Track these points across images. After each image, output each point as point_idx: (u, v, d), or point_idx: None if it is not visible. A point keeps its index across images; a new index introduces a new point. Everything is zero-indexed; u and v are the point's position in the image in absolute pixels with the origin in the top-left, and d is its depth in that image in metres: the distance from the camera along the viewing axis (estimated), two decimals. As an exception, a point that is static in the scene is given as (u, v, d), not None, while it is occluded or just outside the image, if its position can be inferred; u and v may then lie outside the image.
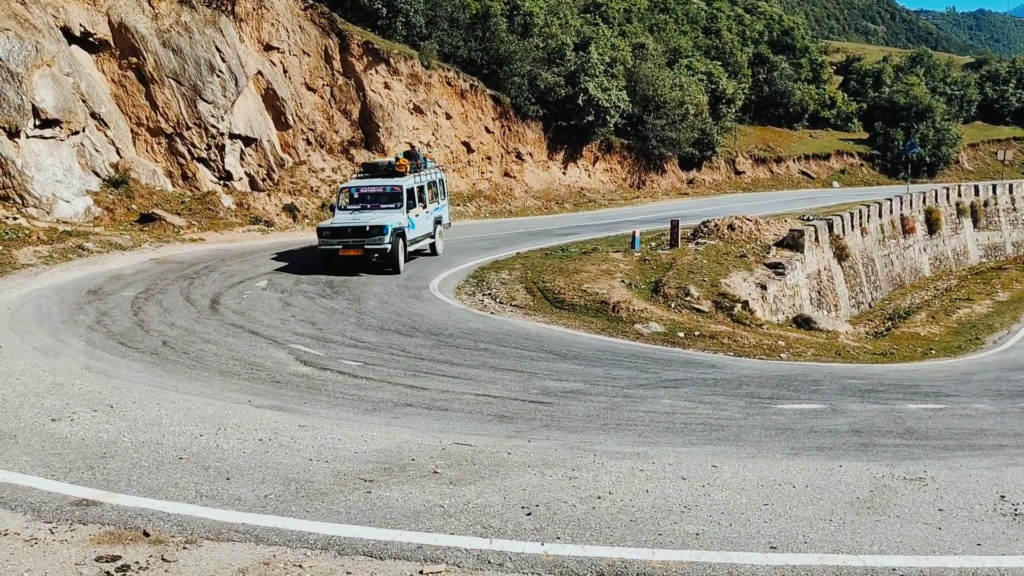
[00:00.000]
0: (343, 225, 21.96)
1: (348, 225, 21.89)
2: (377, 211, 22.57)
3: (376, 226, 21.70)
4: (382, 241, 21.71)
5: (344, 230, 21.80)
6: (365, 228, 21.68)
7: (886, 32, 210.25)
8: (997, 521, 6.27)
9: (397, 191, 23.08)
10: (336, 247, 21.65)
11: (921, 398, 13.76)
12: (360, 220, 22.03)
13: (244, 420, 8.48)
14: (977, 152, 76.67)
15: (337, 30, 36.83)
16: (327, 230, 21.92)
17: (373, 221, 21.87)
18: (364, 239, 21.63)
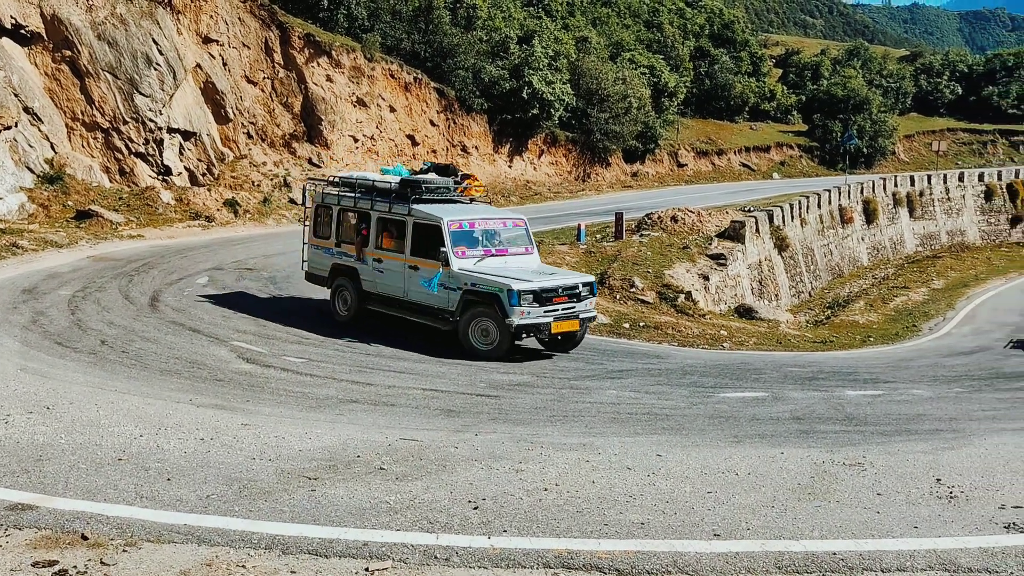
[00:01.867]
0: (552, 285, 14.12)
1: (558, 285, 14.28)
2: (509, 258, 14.83)
3: (588, 283, 14.70)
4: (590, 306, 14.71)
5: (553, 292, 14.02)
6: (577, 288, 14.40)
7: (824, 25, 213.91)
8: (933, 504, 6.42)
9: (521, 226, 15.52)
10: (540, 320, 13.68)
11: (860, 385, 14.07)
12: (558, 276, 15.21)
13: (185, 419, 8.34)
14: (913, 143, 78.46)
15: (277, 22, 36.34)
16: (529, 293, 13.56)
17: (578, 277, 15.23)
18: (575, 304, 14.27)
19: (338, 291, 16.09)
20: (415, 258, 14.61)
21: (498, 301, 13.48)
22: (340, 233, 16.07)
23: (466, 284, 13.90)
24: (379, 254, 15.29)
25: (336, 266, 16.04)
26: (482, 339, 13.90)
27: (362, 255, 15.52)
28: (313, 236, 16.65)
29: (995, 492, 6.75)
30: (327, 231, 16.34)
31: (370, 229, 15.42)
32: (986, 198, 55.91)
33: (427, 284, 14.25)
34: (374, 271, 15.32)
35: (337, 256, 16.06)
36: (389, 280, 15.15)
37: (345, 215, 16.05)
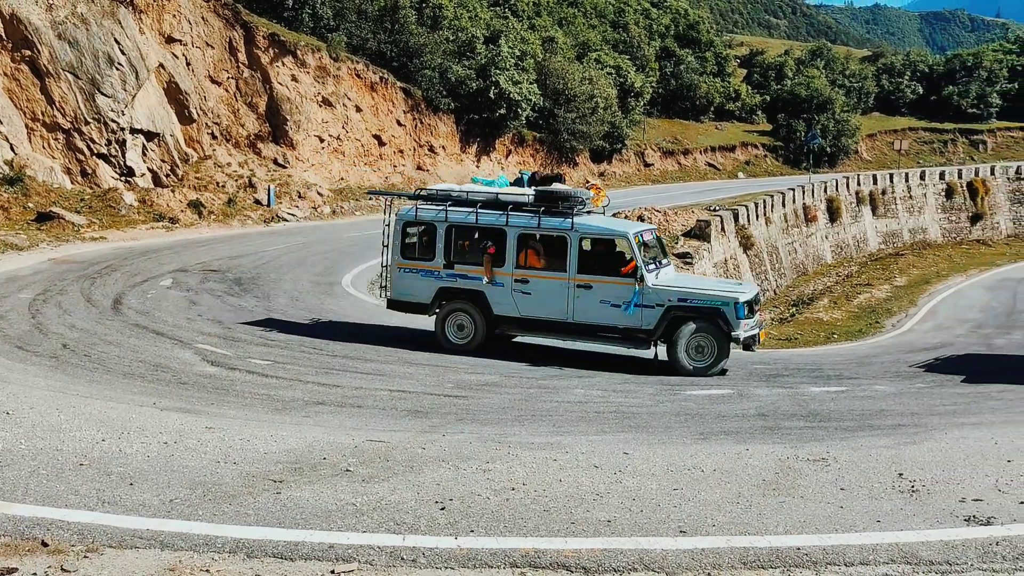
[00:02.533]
0: (755, 293, 14.34)
1: (756, 293, 14.71)
2: (663, 269, 14.22)
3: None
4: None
5: (757, 301, 14.34)
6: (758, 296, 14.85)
7: (788, 26, 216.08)
8: (895, 498, 6.51)
9: (654, 235, 15.27)
10: (753, 332, 13.75)
11: (824, 381, 14.22)
12: (729, 283, 15.79)
13: (148, 423, 8.24)
14: (875, 142, 79.51)
15: (242, 22, 36.04)
16: (748, 304, 13.49)
17: (746, 284, 15.76)
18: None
19: (449, 317, 14.29)
20: (584, 276, 13.52)
21: (721, 315, 12.96)
22: (451, 253, 14.24)
23: (670, 300, 13.19)
24: (523, 274, 13.85)
25: (447, 290, 14.21)
26: (696, 357, 13.17)
27: (493, 276, 13.96)
28: (401, 258, 14.58)
29: (956, 485, 6.86)
30: (428, 252, 14.39)
31: (504, 247, 13.92)
32: (947, 196, 56.79)
33: (615, 304, 13.34)
34: (514, 293, 13.86)
35: (447, 279, 14.19)
36: (542, 302, 13.77)
37: (459, 233, 14.26)
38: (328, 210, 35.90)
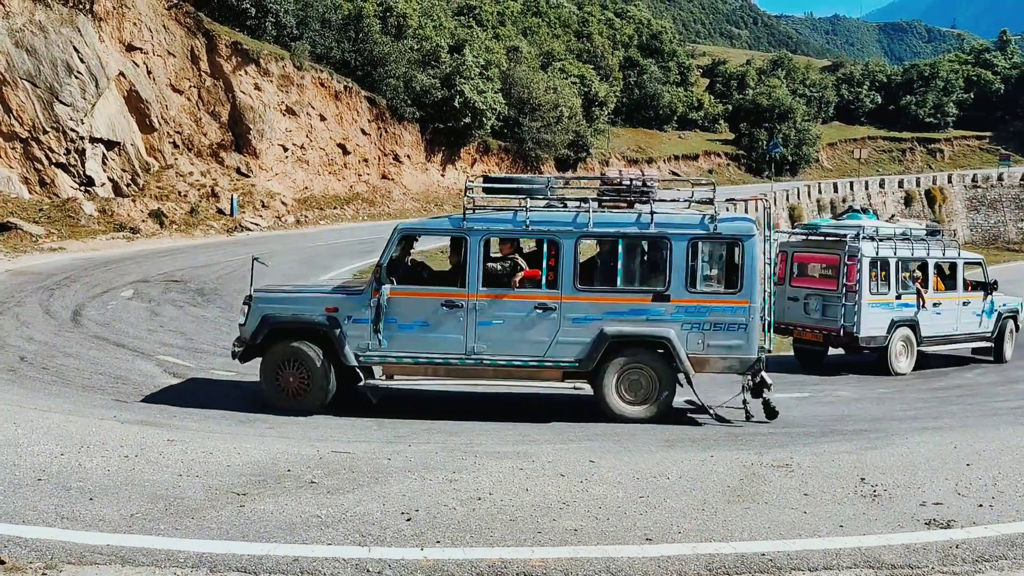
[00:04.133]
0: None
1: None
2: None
3: None
4: None
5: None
6: None
7: (749, 36, 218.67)
8: (858, 503, 6.58)
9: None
10: None
11: (787, 387, 14.33)
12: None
13: (109, 437, 8.11)
14: (835, 151, 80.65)
15: (204, 30, 35.74)
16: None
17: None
18: None
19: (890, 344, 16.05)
20: (965, 294, 17.00)
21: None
22: (899, 285, 16.15)
23: (1002, 305, 17.59)
24: (936, 297, 16.57)
25: (898, 321, 16.07)
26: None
27: (924, 303, 16.34)
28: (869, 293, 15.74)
29: (917, 489, 6.95)
30: (883, 286, 15.92)
31: (926, 277, 16.58)
32: (906, 204, 57.74)
33: (982, 314, 17.11)
34: (932, 315, 16.45)
35: (896, 309, 16.01)
36: (944, 320, 16.68)
37: (897, 266, 16.14)
38: (292, 219, 35.66)
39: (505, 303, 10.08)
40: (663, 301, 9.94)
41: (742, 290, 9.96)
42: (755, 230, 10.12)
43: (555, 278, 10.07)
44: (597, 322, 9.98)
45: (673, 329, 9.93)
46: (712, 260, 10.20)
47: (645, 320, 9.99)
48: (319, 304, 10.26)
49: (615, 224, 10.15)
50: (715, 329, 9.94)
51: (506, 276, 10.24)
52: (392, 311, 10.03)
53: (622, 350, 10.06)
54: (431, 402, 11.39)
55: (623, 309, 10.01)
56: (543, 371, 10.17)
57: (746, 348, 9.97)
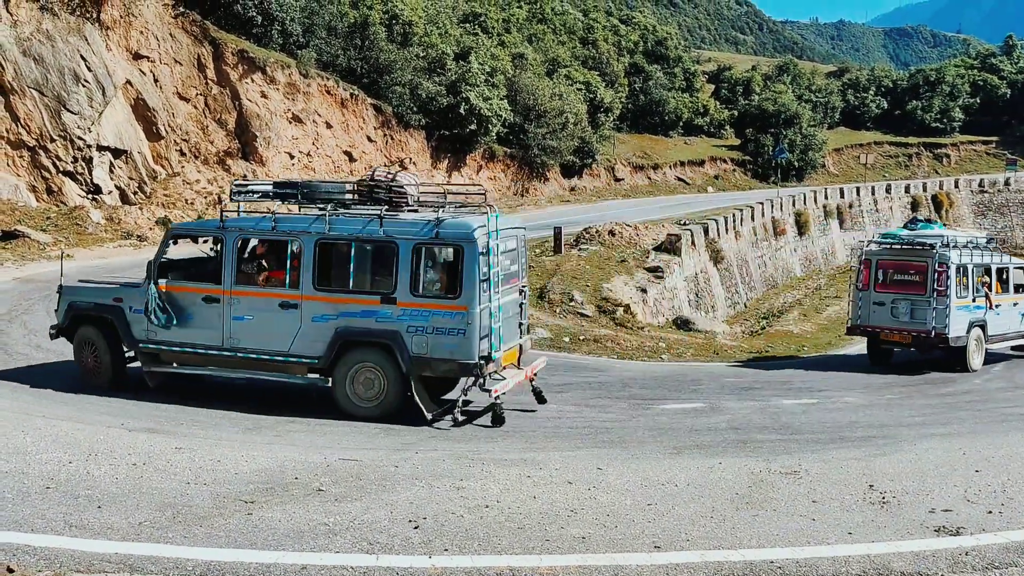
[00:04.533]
0: None
1: None
2: None
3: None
4: None
5: None
6: None
7: (755, 42, 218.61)
8: (866, 509, 6.56)
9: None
10: None
11: (795, 394, 14.33)
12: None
13: (117, 444, 8.13)
14: (841, 156, 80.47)
15: (210, 38, 35.84)
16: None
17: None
18: None
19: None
20: (1015, 295, 18.60)
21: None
22: (974, 290, 17.55)
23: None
24: (997, 300, 18.07)
25: (973, 322, 17.44)
26: None
27: (992, 304, 17.78)
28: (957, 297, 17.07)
29: (925, 496, 6.93)
30: (964, 291, 17.28)
31: (991, 280, 18.04)
32: (912, 209, 57.56)
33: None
34: (994, 316, 17.89)
35: (972, 311, 17.48)
36: (1002, 320, 18.24)
37: (972, 272, 17.53)
38: (298, 227, 35.71)
39: (255, 300, 10.72)
40: (390, 304, 10.15)
41: (460, 296, 10.00)
42: (477, 236, 9.98)
43: (297, 278, 10.51)
44: (333, 321, 10.34)
45: (399, 331, 10.11)
46: (436, 265, 10.41)
47: (374, 321, 10.23)
48: (109, 295, 11.41)
49: (350, 228, 10.45)
50: (437, 333, 10.03)
51: (253, 275, 10.86)
52: (157, 305, 10.87)
53: (354, 349, 10.36)
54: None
55: (356, 310, 10.32)
56: (289, 365, 10.59)
57: (465, 353, 9.95)
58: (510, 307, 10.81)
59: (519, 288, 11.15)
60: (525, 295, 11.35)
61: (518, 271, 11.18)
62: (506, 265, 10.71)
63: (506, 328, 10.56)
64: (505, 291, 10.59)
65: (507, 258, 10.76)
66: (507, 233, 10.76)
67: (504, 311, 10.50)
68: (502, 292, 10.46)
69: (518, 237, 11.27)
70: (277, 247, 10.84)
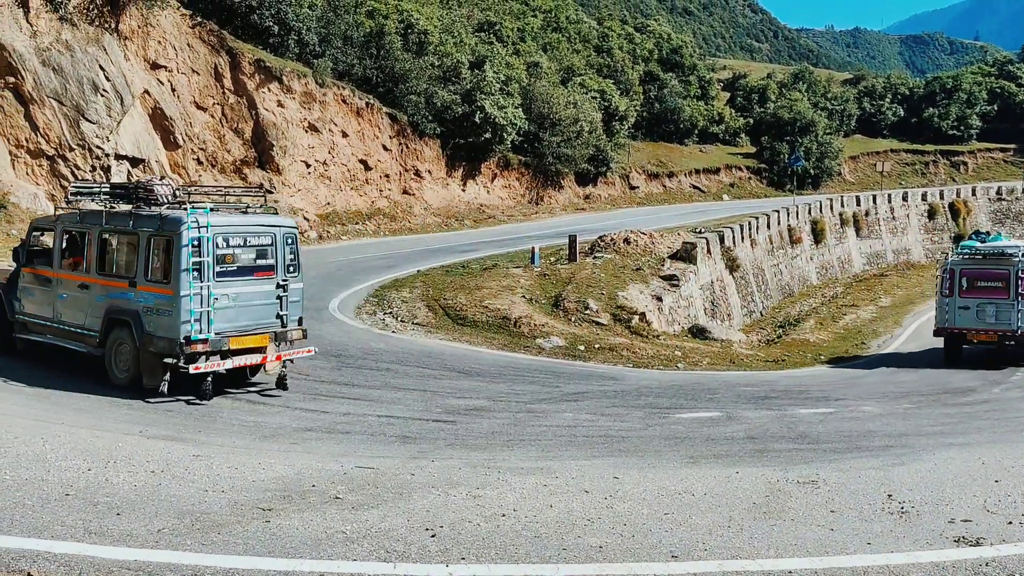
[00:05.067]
0: None
1: None
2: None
3: None
4: None
5: None
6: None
7: (770, 50, 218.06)
8: (885, 519, 6.52)
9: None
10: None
11: (812, 403, 14.26)
12: None
13: (135, 452, 8.17)
14: (858, 164, 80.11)
15: (227, 48, 36.09)
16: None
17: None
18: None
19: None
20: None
21: None
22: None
23: None
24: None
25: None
26: None
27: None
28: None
29: (944, 506, 6.87)
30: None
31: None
32: (929, 217, 57.27)
33: None
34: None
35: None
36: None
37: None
38: (315, 235, 35.88)
39: (68, 282, 12.57)
40: (133, 288, 11.63)
41: (170, 281, 11.26)
42: (183, 229, 11.13)
43: (89, 264, 12.25)
44: (105, 301, 11.94)
45: (139, 311, 11.52)
46: (159, 254, 11.56)
47: (127, 302, 11.70)
48: (6, 278, 13.58)
49: (118, 221, 12.06)
50: (158, 314, 11.37)
51: (69, 261, 12.66)
52: (22, 284, 13.14)
53: (116, 326, 11.84)
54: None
55: (117, 292, 11.86)
56: (86, 337, 12.20)
57: (172, 332, 11.14)
58: (255, 297, 11.95)
59: (277, 282, 12.10)
60: (287, 288, 12.23)
61: (274, 265, 12.10)
62: (248, 258, 11.85)
63: (245, 315, 11.79)
64: (246, 281, 11.78)
65: (252, 252, 11.90)
66: (251, 230, 11.95)
67: (239, 299, 11.68)
68: (237, 282, 11.66)
69: (276, 235, 12.21)
70: (80, 238, 12.54)
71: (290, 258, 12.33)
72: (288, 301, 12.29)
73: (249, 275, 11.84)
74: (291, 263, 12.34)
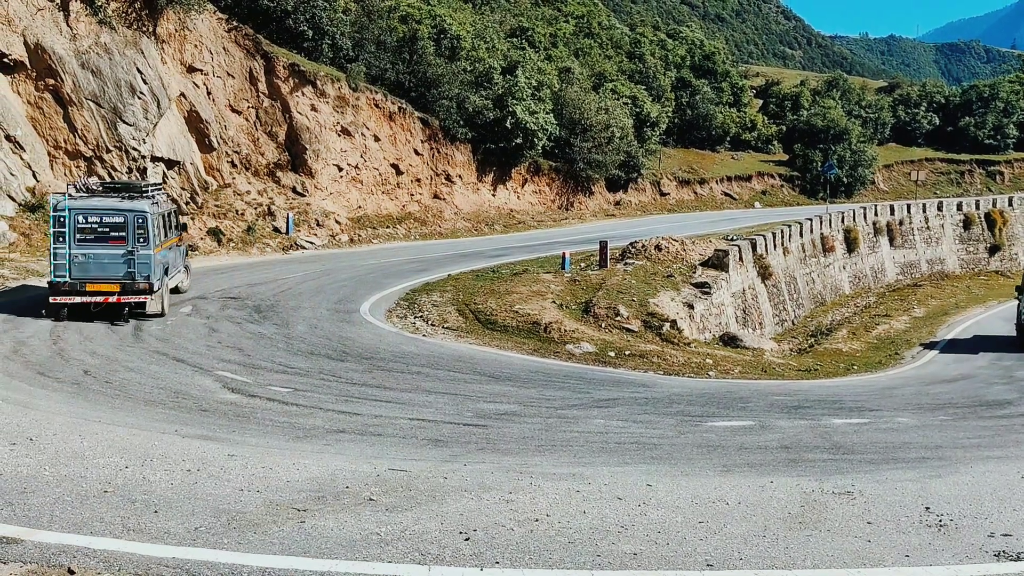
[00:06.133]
0: None
1: None
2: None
3: None
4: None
5: None
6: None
7: (803, 57, 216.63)
8: (923, 532, 6.43)
9: None
10: None
11: (846, 413, 14.11)
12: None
13: (171, 450, 8.26)
14: (892, 173, 79.30)
15: (262, 52, 36.45)
16: None
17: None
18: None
19: None
20: None
21: None
22: None
23: None
24: None
25: None
26: None
27: None
28: None
29: (984, 520, 6.77)
30: None
31: None
32: (964, 227, 56.52)
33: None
34: None
35: None
36: None
37: None
38: (346, 238, 36.09)
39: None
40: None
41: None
42: (53, 208, 16.76)
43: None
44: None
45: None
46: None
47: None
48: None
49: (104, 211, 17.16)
50: (52, 265, 16.74)
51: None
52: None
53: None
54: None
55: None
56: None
57: (49, 276, 17.11)
58: (107, 257, 16.87)
59: (128, 249, 16.90)
60: (134, 253, 16.89)
61: (125, 236, 16.92)
62: (103, 231, 16.87)
63: (99, 269, 16.79)
64: (101, 246, 16.81)
65: (107, 227, 16.86)
66: (105, 212, 16.92)
67: (94, 258, 16.76)
68: (94, 247, 16.77)
69: (128, 216, 16.92)
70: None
71: (139, 232, 16.93)
72: (137, 262, 16.94)
73: (105, 242, 16.81)
74: (140, 236, 16.93)
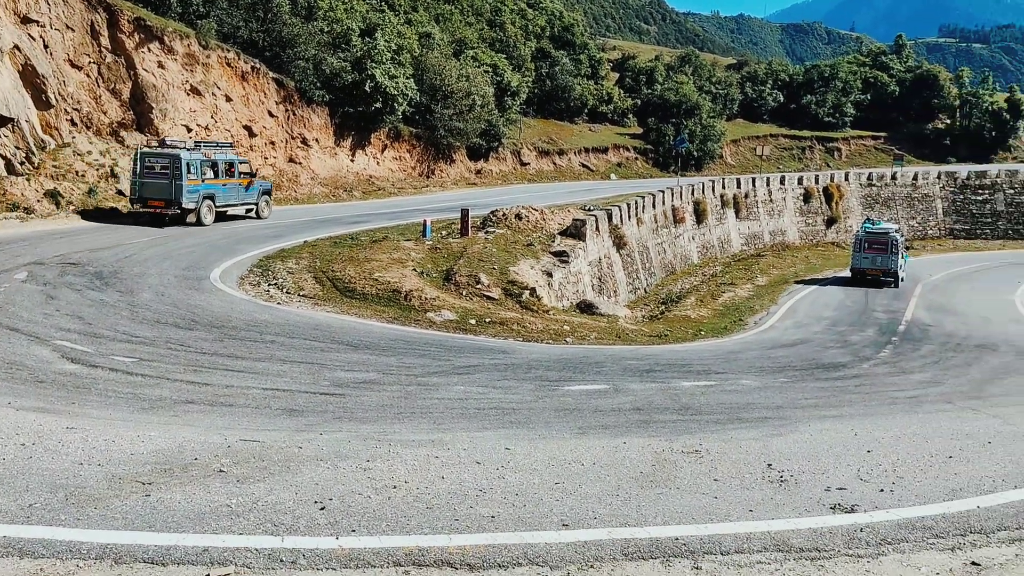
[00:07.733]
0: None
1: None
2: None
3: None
4: None
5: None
6: None
7: (658, 32, 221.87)
8: (766, 488, 6.76)
9: None
10: None
11: (694, 376, 14.67)
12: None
13: (3, 424, 7.74)
14: (739, 147, 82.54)
15: (105, 4, 34.32)
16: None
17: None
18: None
19: None
20: None
21: None
22: None
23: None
24: None
25: None
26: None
27: None
28: None
29: (821, 475, 7.18)
30: None
31: None
32: (804, 200, 59.50)
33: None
34: None
35: None
36: None
37: None
38: (196, 203, 34.64)
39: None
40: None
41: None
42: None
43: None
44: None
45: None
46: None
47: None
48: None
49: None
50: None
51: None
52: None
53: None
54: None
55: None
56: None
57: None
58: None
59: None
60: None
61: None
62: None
63: None
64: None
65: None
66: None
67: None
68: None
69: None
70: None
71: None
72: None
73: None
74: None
